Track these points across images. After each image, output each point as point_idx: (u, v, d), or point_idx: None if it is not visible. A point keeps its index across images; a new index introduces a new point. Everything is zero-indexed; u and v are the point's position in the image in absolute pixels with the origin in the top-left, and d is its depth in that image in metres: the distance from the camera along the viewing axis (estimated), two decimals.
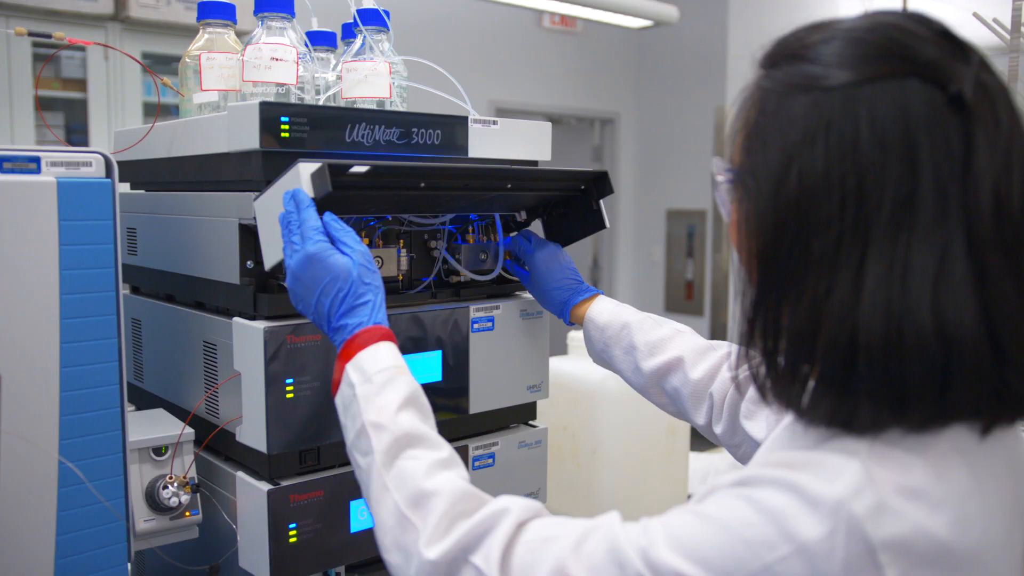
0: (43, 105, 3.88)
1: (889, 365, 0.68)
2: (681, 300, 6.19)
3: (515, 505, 0.83)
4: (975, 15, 2.17)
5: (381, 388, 0.95)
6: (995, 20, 2.07)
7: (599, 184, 1.37)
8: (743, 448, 1.19)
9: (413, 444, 0.93)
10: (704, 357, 1.24)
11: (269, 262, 1.12)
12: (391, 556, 0.88)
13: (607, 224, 1.41)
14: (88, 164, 1.07)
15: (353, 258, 1.03)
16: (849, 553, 0.65)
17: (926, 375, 0.68)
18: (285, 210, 1.07)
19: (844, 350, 0.69)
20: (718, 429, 1.23)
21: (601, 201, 1.39)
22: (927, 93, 0.69)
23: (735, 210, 0.79)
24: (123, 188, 1.52)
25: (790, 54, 0.75)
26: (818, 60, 0.72)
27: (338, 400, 1.00)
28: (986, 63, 0.72)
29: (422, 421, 0.96)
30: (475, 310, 1.34)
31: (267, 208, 1.11)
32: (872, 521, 0.66)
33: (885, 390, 0.68)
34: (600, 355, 1.35)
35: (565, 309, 1.37)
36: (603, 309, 1.33)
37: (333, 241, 1.05)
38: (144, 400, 1.50)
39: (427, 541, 0.83)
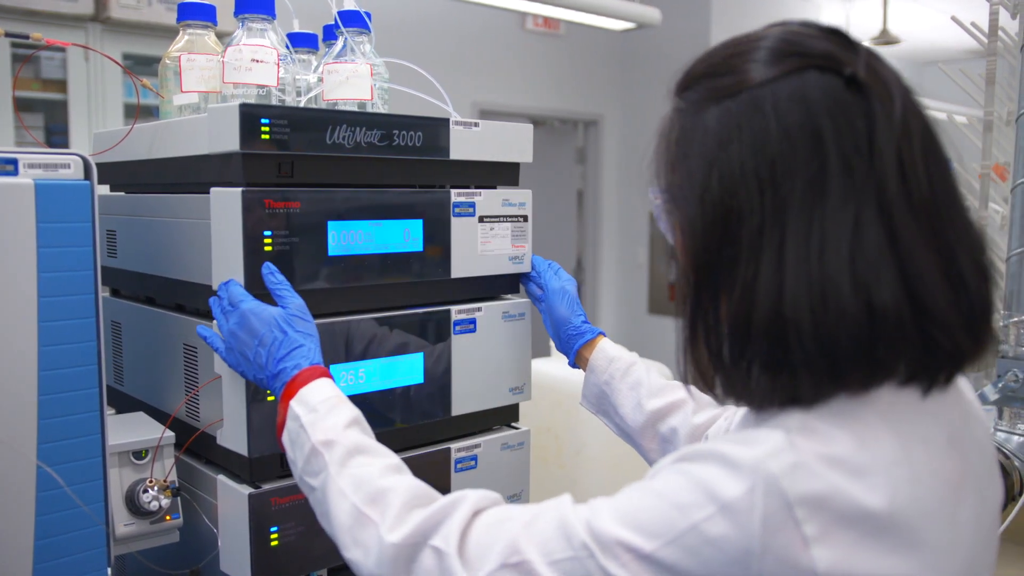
0: (22, 106, 3.84)
1: (818, 335, 0.71)
2: (664, 302, 6.20)
3: (471, 494, 0.89)
4: (953, 19, 2.19)
5: (327, 414, 1.01)
6: (973, 24, 2.09)
7: None
8: None
9: (364, 453, 0.98)
10: (709, 406, 1.25)
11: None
12: (351, 553, 0.92)
13: None
14: (67, 166, 1.06)
15: (288, 308, 1.11)
16: (767, 508, 0.69)
17: (853, 340, 0.71)
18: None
19: (776, 328, 0.73)
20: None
21: None
22: (825, 80, 0.74)
23: (674, 226, 0.84)
24: (103, 190, 1.51)
25: (698, 75, 0.81)
26: (723, 73, 0.78)
27: (285, 438, 1.04)
28: (873, 53, 0.78)
29: (369, 439, 1.02)
30: (457, 312, 1.34)
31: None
32: (788, 478, 0.69)
33: (819, 360, 0.72)
34: (601, 387, 1.34)
35: (572, 350, 1.37)
36: (613, 345, 1.36)
37: (270, 293, 1.13)
38: (124, 403, 1.49)
39: (388, 528, 0.88)
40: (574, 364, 1.39)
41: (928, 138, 0.75)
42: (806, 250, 0.72)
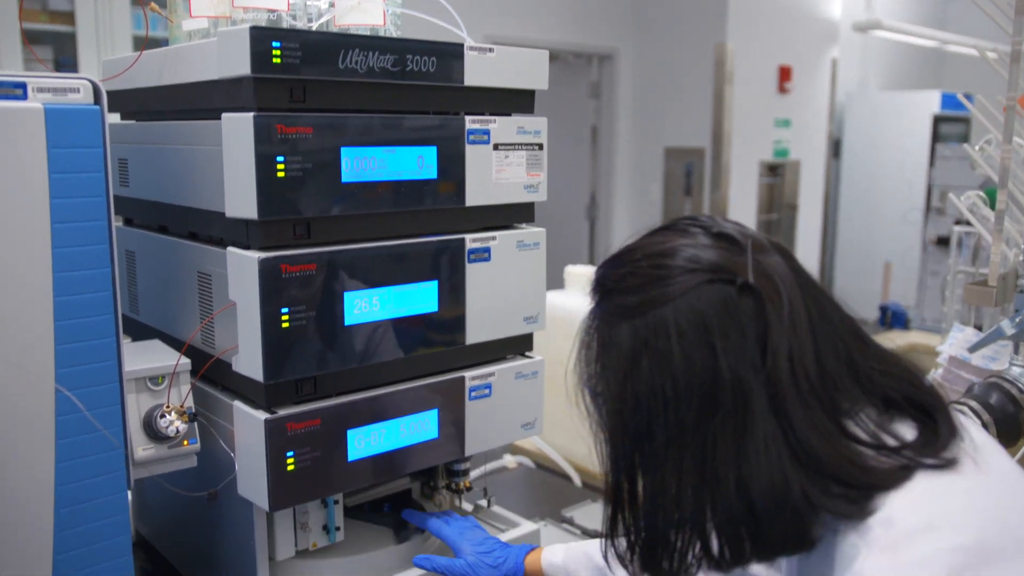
0: (30, 39, 3.80)
1: (721, 536, 0.84)
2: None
3: None
4: None
5: None
6: None
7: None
8: None
9: None
10: None
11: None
12: None
13: None
14: (76, 90, 1.05)
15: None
16: None
17: (739, 539, 0.84)
18: None
19: (689, 530, 0.86)
20: None
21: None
22: (719, 292, 0.83)
23: (600, 428, 0.93)
24: (113, 119, 1.49)
25: (608, 289, 0.90)
26: (629, 291, 0.87)
27: None
28: (758, 242, 0.87)
29: None
30: (471, 240, 1.33)
31: None
32: None
33: (727, 544, 0.85)
34: None
35: (519, 570, 1.34)
36: (554, 550, 1.35)
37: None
38: (140, 332, 1.50)
39: None
40: None
41: (815, 311, 0.85)
42: (701, 461, 0.83)
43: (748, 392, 0.81)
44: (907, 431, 0.87)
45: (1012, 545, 0.77)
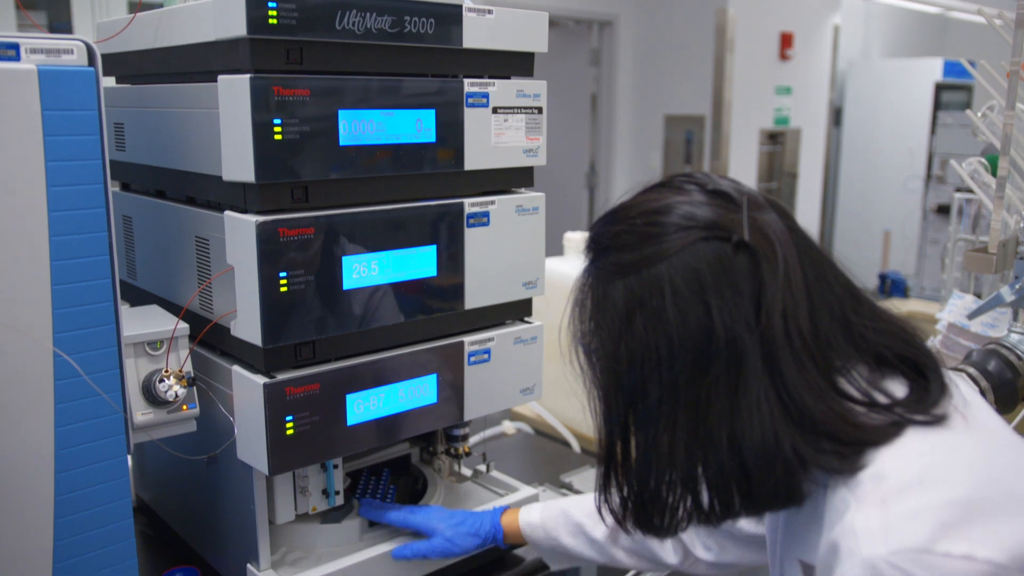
0: (25, 3, 3.75)
1: (713, 491, 0.86)
2: None
3: None
4: None
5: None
6: None
7: None
8: (749, 548, 1.25)
9: None
10: None
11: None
12: None
13: None
14: (69, 51, 1.03)
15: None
16: None
17: (729, 495, 0.86)
18: None
19: (680, 486, 0.87)
20: (708, 555, 1.25)
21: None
22: (714, 249, 0.83)
23: (594, 383, 0.93)
24: (108, 82, 1.48)
25: (603, 246, 0.90)
26: (624, 248, 0.87)
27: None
28: (754, 199, 0.87)
29: None
30: (470, 205, 1.33)
31: None
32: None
33: (720, 507, 0.87)
34: (552, 551, 1.35)
35: (498, 532, 1.36)
36: (530, 509, 1.37)
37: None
38: (138, 297, 1.50)
39: None
40: (505, 545, 1.39)
41: (811, 269, 0.86)
42: (694, 418, 0.84)
43: (742, 350, 0.82)
44: (898, 388, 0.88)
45: (1000, 499, 0.78)
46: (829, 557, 0.79)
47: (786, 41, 5.84)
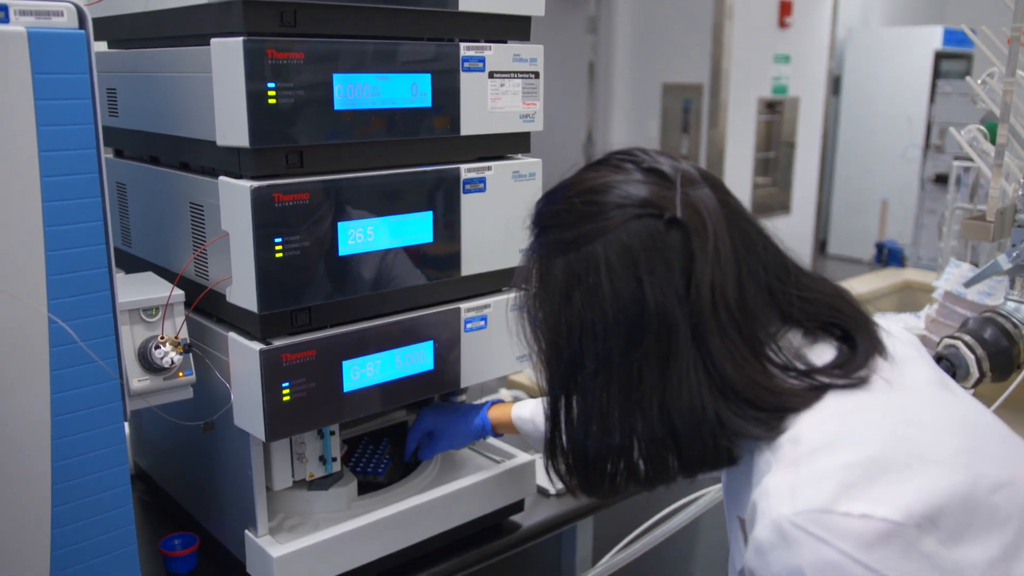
0: None
1: (648, 457, 0.91)
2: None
3: None
4: None
5: None
6: None
7: None
8: None
9: None
10: None
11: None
12: None
13: None
14: (59, 14, 1.02)
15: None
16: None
17: (663, 459, 0.90)
18: None
19: (617, 452, 0.91)
20: None
21: None
22: (647, 226, 0.86)
23: (535, 351, 0.97)
24: (100, 47, 1.46)
25: (545, 224, 0.93)
26: (564, 226, 0.90)
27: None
28: (688, 175, 0.90)
29: None
30: (466, 170, 1.32)
31: None
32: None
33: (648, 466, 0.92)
34: (539, 440, 1.36)
35: (486, 424, 1.45)
36: (523, 405, 1.44)
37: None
38: (133, 265, 1.49)
39: None
40: (494, 432, 1.47)
41: (740, 243, 0.88)
42: (627, 388, 0.88)
43: (672, 323, 0.85)
44: (828, 354, 0.90)
45: (906, 458, 0.79)
46: (751, 515, 0.82)
47: (785, 9, 5.79)
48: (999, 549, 0.77)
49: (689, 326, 0.85)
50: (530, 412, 1.43)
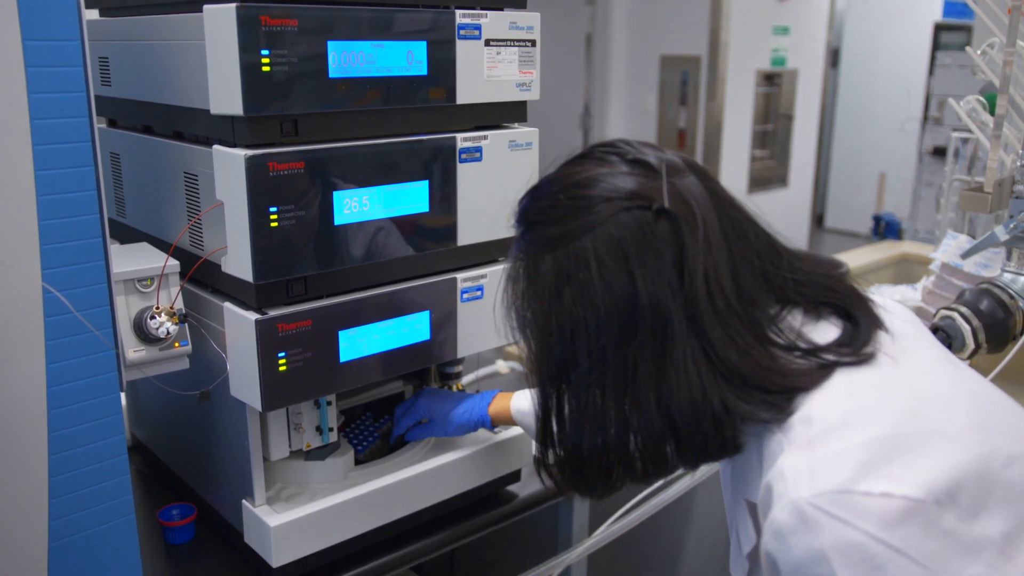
0: None
1: (645, 452, 0.89)
2: (673, 148, 6.11)
3: None
4: None
5: None
6: None
7: None
8: None
9: None
10: None
11: None
12: None
13: None
14: None
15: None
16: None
17: (661, 452, 0.88)
18: None
19: (613, 450, 0.90)
20: None
21: None
22: (635, 219, 0.85)
23: (526, 352, 0.95)
24: (92, 15, 1.44)
25: (531, 222, 0.91)
26: (550, 223, 0.88)
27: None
28: (673, 164, 0.89)
29: None
30: (462, 140, 1.31)
31: None
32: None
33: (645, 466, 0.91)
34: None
35: (485, 419, 1.42)
36: (522, 396, 1.40)
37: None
38: (127, 235, 1.48)
39: None
40: (491, 426, 1.44)
41: (730, 229, 0.87)
42: (623, 384, 0.86)
43: (667, 315, 0.84)
44: (831, 332, 0.90)
45: (922, 434, 0.79)
46: (765, 498, 0.81)
47: None
48: (1015, 523, 0.77)
49: (685, 317, 0.84)
50: (529, 405, 1.40)
